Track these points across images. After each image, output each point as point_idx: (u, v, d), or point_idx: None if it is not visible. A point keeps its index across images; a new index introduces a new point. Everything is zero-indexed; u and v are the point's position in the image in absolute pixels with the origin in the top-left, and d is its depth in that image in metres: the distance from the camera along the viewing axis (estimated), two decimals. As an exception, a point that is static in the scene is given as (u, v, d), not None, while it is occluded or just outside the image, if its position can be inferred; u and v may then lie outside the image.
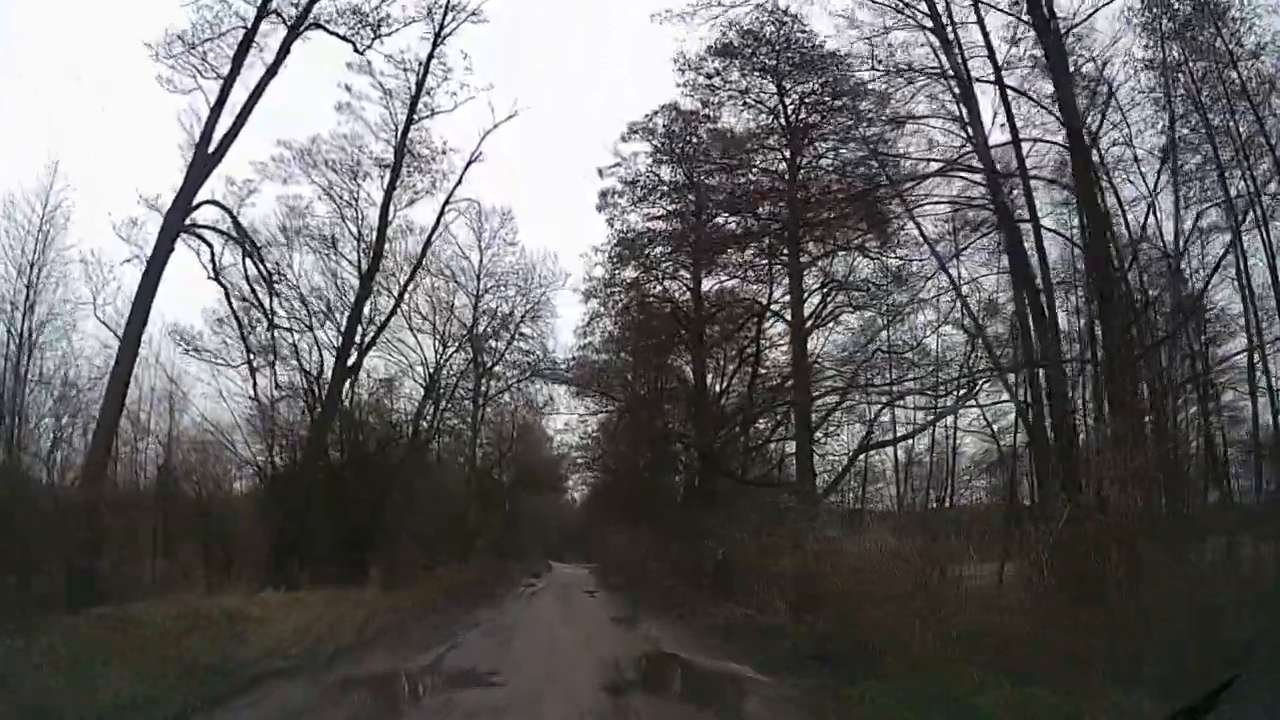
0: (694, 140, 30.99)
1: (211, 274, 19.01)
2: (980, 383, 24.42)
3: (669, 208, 32.66)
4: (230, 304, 19.33)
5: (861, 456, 28.83)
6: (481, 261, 40.60)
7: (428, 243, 24.86)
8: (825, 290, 28.28)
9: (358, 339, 24.82)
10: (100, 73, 56.42)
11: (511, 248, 40.55)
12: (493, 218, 40.48)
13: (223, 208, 19.56)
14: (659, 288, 33.65)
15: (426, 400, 29.83)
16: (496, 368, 41.36)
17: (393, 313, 25.60)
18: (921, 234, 24.27)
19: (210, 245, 19.20)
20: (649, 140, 31.76)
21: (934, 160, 19.35)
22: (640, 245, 32.54)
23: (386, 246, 25.22)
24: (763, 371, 32.69)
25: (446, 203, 25.14)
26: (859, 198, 25.02)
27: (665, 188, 32.64)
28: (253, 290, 19.72)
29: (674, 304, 33.61)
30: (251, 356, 19.64)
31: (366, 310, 26.83)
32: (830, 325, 28.87)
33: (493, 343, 40.85)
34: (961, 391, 26.02)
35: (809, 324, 27.23)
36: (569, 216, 68.60)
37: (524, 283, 40.57)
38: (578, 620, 19.84)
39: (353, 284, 24.96)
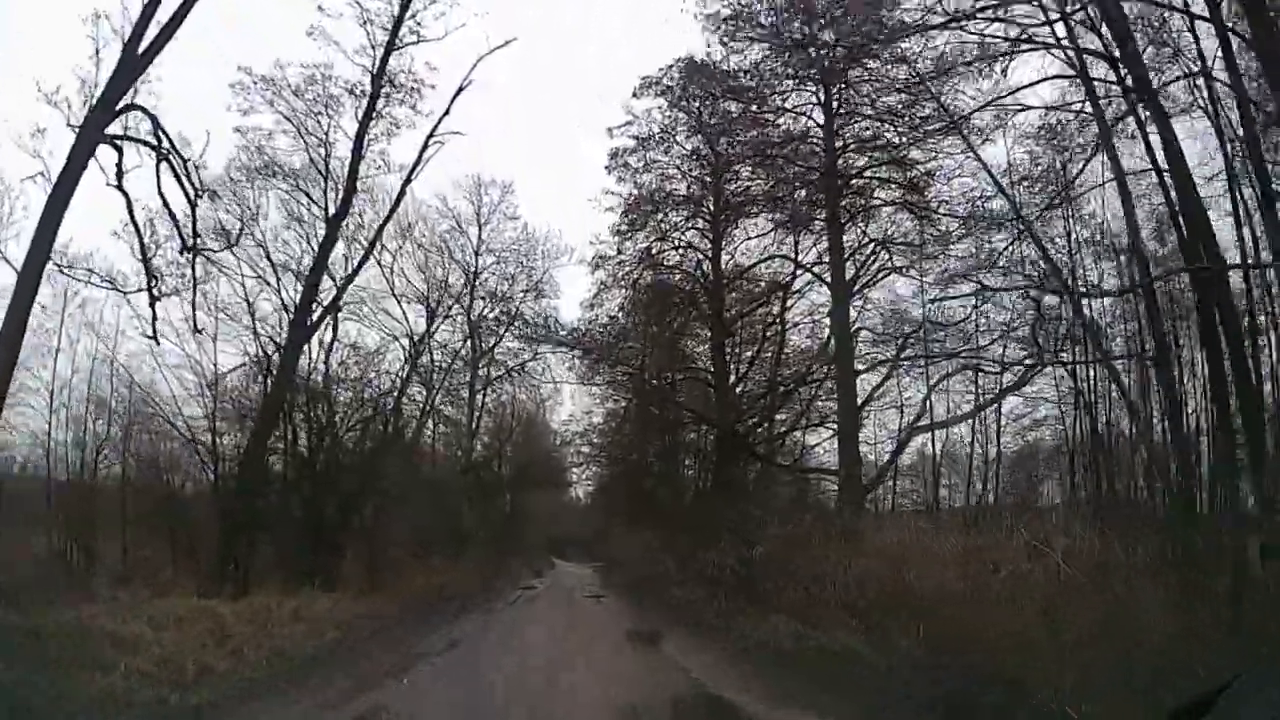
0: (713, 94, 26.46)
1: (113, 181, 14.36)
2: (1063, 355, 19.78)
3: (685, 168, 28.15)
4: (131, 215, 14.66)
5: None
6: (480, 236, 36.20)
7: (408, 179, 20.32)
8: (871, 248, 23.56)
9: (325, 295, 20.22)
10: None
11: (512, 222, 36.12)
12: (491, 190, 36.11)
13: (146, 113, 14.98)
14: (675, 256, 29.01)
15: (412, 375, 25.14)
16: (496, 353, 36.79)
17: (364, 260, 21.13)
18: (991, 176, 19.75)
19: (120, 152, 14.51)
20: (664, 96, 27.30)
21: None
22: (654, 208, 28.01)
23: (361, 195, 20.60)
24: (787, 353, 28.10)
25: (431, 135, 20.58)
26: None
27: (681, 146, 28.12)
28: (165, 203, 14.95)
29: (690, 275, 28.98)
30: (154, 283, 14.86)
31: (344, 273, 22.32)
32: (869, 292, 24.07)
33: (491, 319, 36.30)
34: (1033, 365, 21.36)
35: (853, 286, 22.53)
36: (570, 187, 63.07)
37: (525, 259, 36.10)
38: (583, 637, 15.11)
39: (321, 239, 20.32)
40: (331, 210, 19.99)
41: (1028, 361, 21.91)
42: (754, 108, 24.78)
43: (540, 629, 16.59)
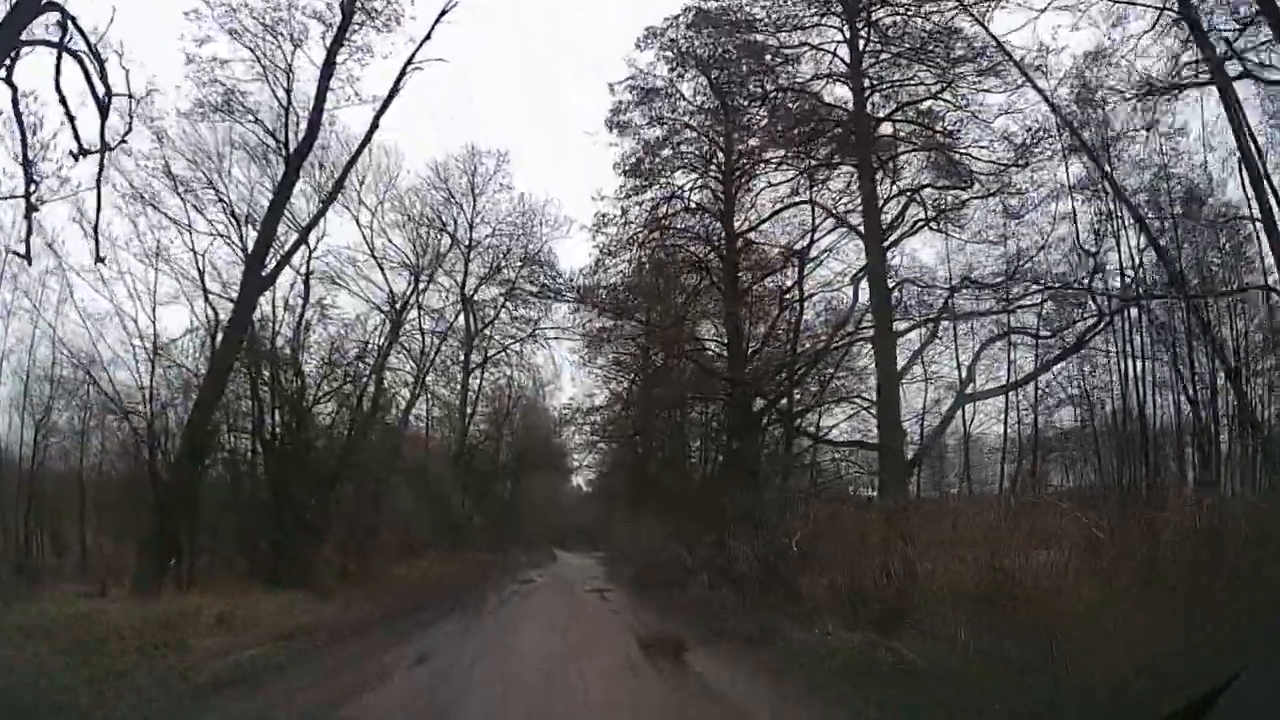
0: (724, 47, 23.30)
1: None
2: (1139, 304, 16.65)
3: (694, 122, 24.96)
4: (16, 109, 11.32)
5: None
6: (474, 208, 32.96)
7: (382, 108, 17.02)
8: (903, 200, 20.29)
9: (289, 247, 16.99)
10: None
11: (508, 192, 32.92)
12: (486, 159, 32.87)
13: (59, 8, 11.73)
14: (683, 219, 25.74)
15: (394, 343, 21.92)
16: (492, 332, 33.56)
17: (331, 197, 17.83)
18: (1052, 104, 16.70)
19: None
20: (669, 50, 24.12)
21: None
22: (660, 164, 24.84)
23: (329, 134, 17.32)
24: (805, 322, 24.87)
25: (409, 62, 17.28)
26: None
27: (689, 102, 24.93)
28: (61, 99, 11.57)
29: (701, 238, 25.73)
30: (32, 188, 11.46)
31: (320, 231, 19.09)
32: (905, 244, 20.79)
33: (488, 300, 33.11)
34: (1096, 320, 18.22)
35: (888, 237, 19.28)
36: (567, 152, 59.17)
37: (522, 231, 32.89)
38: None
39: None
40: (292, 147, 16.69)
41: (1088, 319, 18.90)
42: (770, 53, 21.65)
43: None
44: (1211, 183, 18.02)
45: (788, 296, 25.40)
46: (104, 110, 11.50)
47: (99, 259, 12.12)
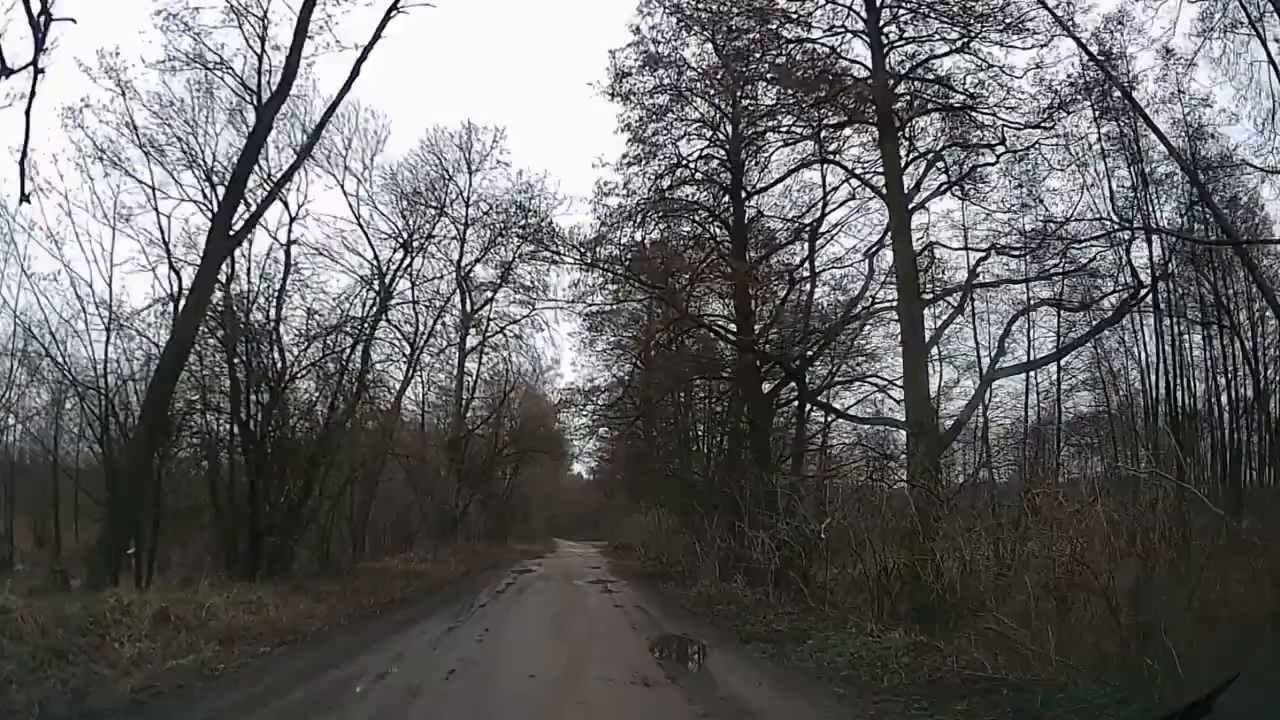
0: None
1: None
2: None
3: (700, 87, 23.07)
4: None
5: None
6: (470, 184, 31.16)
7: (364, 54, 15.00)
8: (924, 162, 18.43)
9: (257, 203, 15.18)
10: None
11: (505, 168, 31.13)
12: (483, 135, 31.09)
13: None
14: (690, 190, 23.89)
15: (381, 317, 20.11)
16: (490, 314, 31.76)
17: (307, 149, 15.88)
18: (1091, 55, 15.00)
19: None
20: (674, 15, 22.23)
21: None
22: (665, 125, 22.98)
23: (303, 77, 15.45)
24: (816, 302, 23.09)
25: (394, 5, 15.36)
26: None
27: (694, 69, 23.04)
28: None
29: (709, 210, 23.89)
30: None
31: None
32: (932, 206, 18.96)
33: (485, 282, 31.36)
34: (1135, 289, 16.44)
35: (912, 200, 17.45)
36: (567, 124, 56.47)
37: (518, 208, 31.05)
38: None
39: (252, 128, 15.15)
40: (265, 96, 14.86)
41: (1121, 292, 17.17)
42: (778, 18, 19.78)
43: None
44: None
45: (797, 274, 23.76)
46: (39, 31, 9.68)
47: (24, 198, 10.30)
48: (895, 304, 17.09)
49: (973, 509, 12.96)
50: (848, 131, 20.11)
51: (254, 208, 15.04)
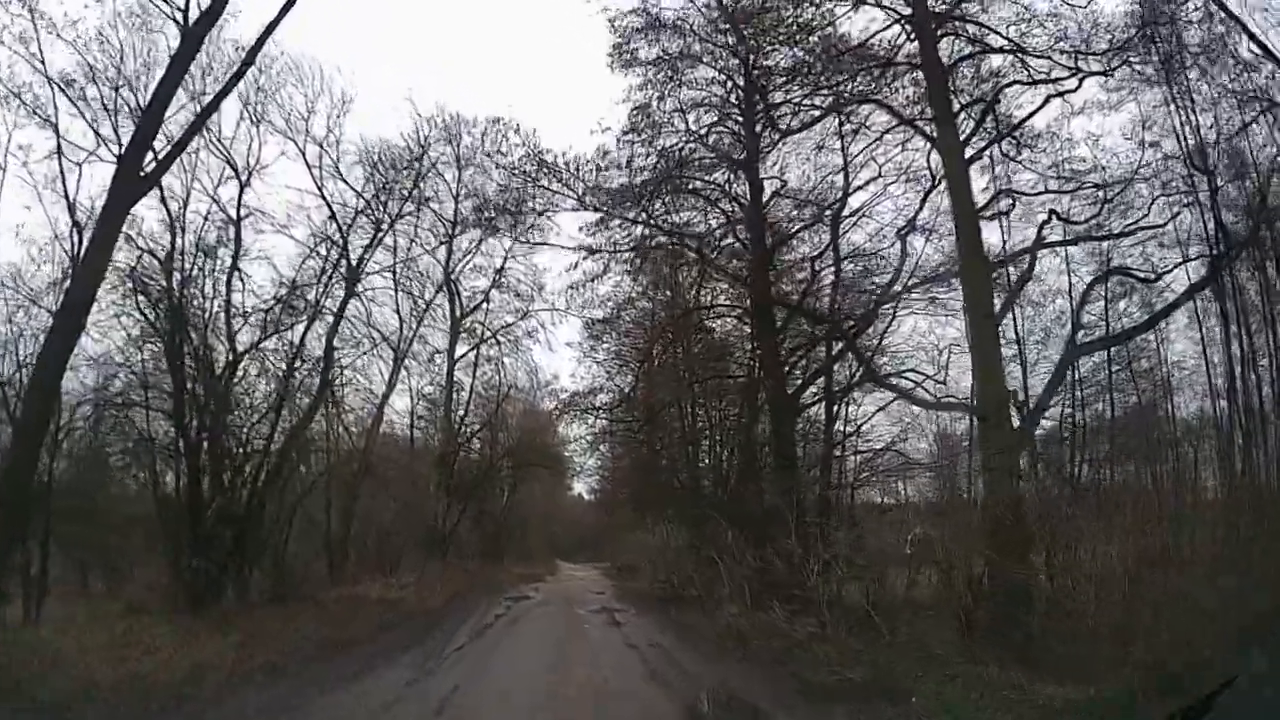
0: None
1: None
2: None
3: (712, 50, 20.23)
4: None
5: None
6: (459, 179, 28.15)
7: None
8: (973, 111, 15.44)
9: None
10: None
11: (500, 155, 28.06)
12: (473, 129, 28.13)
13: None
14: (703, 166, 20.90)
15: (349, 301, 17.02)
16: (480, 318, 28.70)
17: (240, 73, 12.57)
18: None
19: None
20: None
21: None
22: (668, 114, 20.14)
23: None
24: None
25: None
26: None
27: (707, 41, 20.27)
28: None
29: (722, 190, 20.91)
30: None
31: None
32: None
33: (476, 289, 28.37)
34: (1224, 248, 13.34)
35: (966, 151, 14.42)
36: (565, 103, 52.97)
37: (515, 204, 28.07)
38: None
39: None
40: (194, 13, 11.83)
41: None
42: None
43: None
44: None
45: (818, 264, 20.75)
46: None
47: None
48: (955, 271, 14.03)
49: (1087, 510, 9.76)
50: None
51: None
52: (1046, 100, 14.66)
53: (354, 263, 17.44)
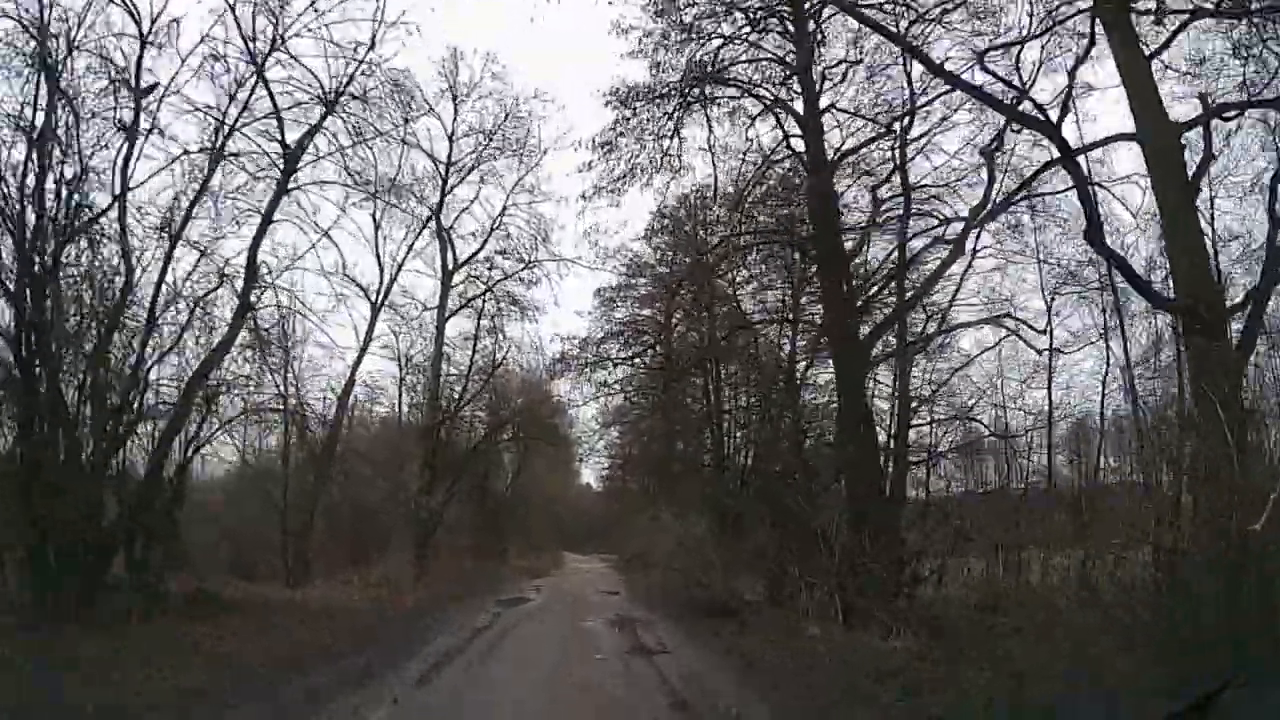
0: None
1: None
2: None
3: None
4: None
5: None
6: (455, 117, 23.65)
7: None
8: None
9: None
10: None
11: (495, 84, 23.72)
12: (471, 60, 23.66)
13: None
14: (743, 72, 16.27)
15: (280, 199, 12.40)
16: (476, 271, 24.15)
17: None
18: None
19: None
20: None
21: None
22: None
23: None
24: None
25: None
26: None
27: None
28: None
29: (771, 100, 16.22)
30: None
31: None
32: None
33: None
34: None
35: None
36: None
37: (517, 145, 23.76)
38: None
39: None
40: None
41: None
42: None
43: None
44: None
45: (880, 191, 16.18)
46: None
47: None
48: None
49: None
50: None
51: None
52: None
53: (288, 143, 12.74)
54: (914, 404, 15.18)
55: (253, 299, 11.85)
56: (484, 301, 23.85)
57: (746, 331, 18.82)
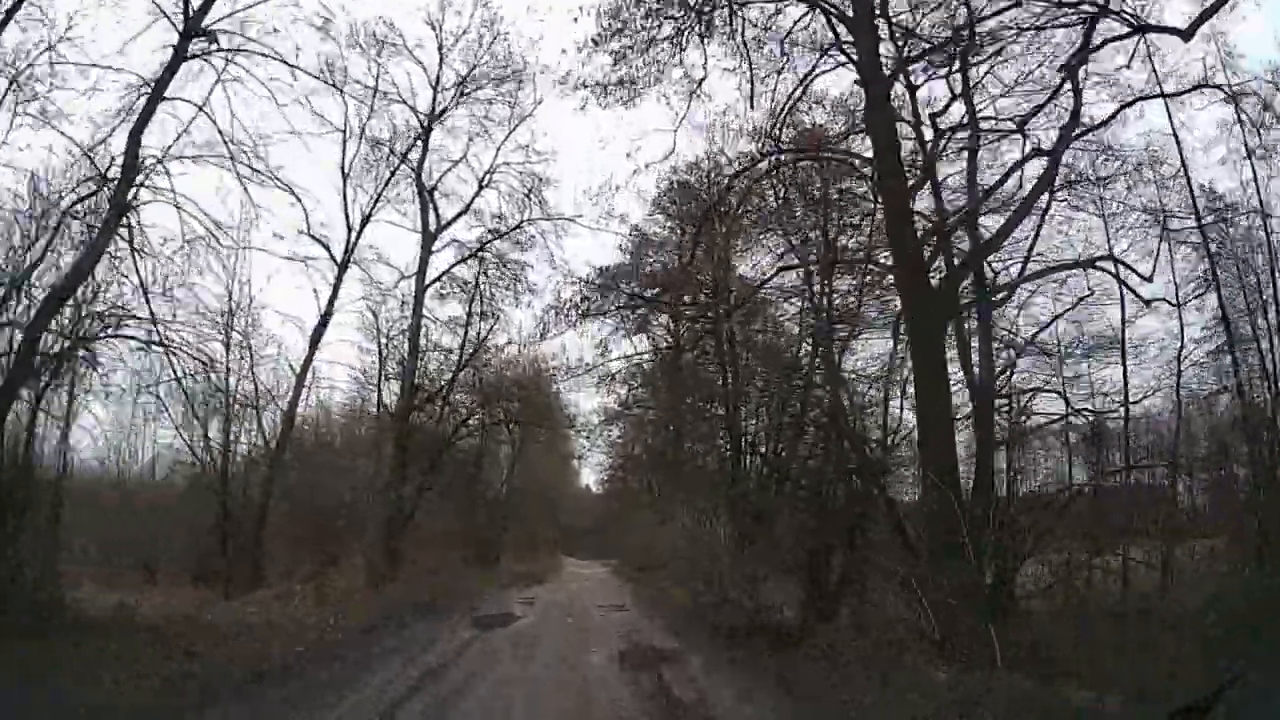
0: None
1: None
2: None
3: None
4: None
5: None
6: (440, 67, 20.41)
7: None
8: None
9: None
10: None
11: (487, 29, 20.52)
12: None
13: None
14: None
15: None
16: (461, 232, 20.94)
17: None
18: None
19: None
20: None
21: None
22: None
23: None
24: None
25: None
26: None
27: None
28: None
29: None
30: None
31: None
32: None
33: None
34: None
35: None
36: None
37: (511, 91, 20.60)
38: None
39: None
40: None
41: None
42: None
43: None
44: None
45: (940, 120, 12.87)
46: None
47: None
48: None
49: None
50: None
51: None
52: None
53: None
54: (1000, 366, 11.76)
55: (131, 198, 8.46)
56: (476, 273, 20.52)
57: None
